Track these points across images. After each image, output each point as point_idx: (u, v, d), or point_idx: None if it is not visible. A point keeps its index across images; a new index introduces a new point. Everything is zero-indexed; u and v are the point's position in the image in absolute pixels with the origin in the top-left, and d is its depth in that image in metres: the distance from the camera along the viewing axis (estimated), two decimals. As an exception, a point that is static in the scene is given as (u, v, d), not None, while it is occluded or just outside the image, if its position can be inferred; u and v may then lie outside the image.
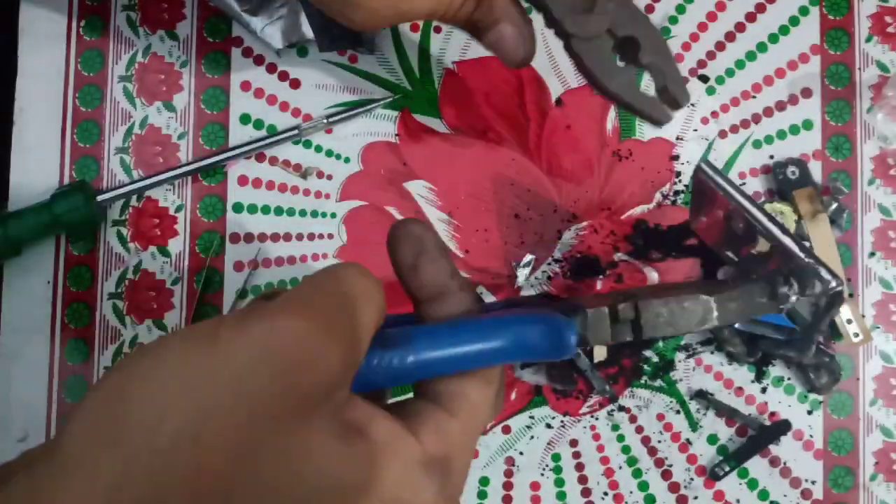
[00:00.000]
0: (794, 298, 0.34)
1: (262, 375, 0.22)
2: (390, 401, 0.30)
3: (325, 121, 0.51)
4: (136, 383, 0.21)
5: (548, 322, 0.28)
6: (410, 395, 0.28)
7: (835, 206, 0.51)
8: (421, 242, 0.28)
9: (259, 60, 0.53)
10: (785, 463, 0.51)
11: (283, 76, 0.53)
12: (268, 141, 0.51)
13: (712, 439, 0.51)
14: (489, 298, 0.51)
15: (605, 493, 0.51)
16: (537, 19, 0.40)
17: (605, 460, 0.51)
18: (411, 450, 0.25)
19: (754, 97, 0.53)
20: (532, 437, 0.51)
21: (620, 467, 0.51)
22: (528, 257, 0.52)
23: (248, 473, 0.21)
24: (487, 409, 0.28)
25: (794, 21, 0.53)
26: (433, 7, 0.38)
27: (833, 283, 0.34)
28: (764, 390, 0.51)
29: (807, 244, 0.40)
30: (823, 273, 0.34)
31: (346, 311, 0.24)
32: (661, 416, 0.51)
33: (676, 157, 0.53)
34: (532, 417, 0.51)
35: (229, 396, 0.21)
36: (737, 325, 0.49)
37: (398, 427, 0.25)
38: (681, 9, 0.53)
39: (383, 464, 0.23)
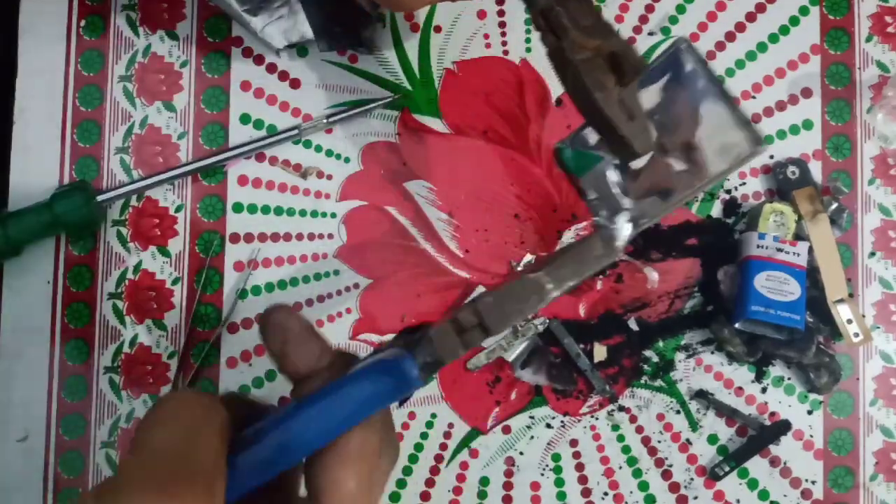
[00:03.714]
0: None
1: None
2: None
3: (325, 121, 0.51)
4: None
5: (383, 368, 0.29)
6: None
7: (835, 205, 0.51)
8: (285, 330, 0.30)
9: (259, 60, 0.53)
10: (785, 463, 0.51)
11: (284, 76, 0.53)
12: (268, 141, 0.51)
13: (712, 439, 0.51)
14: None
15: (606, 493, 0.51)
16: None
17: (605, 460, 0.51)
18: None
19: (754, 97, 0.53)
20: (532, 437, 0.51)
21: (620, 467, 0.51)
22: (528, 257, 0.52)
23: None
24: (368, 479, 0.29)
25: (794, 21, 0.53)
26: None
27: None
28: (764, 390, 0.51)
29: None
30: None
31: (191, 460, 0.26)
32: (661, 416, 0.51)
33: (676, 157, 0.53)
34: (532, 417, 0.51)
35: None
36: (737, 326, 0.49)
37: None
38: (681, 9, 0.53)
39: None
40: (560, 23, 0.35)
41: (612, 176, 0.37)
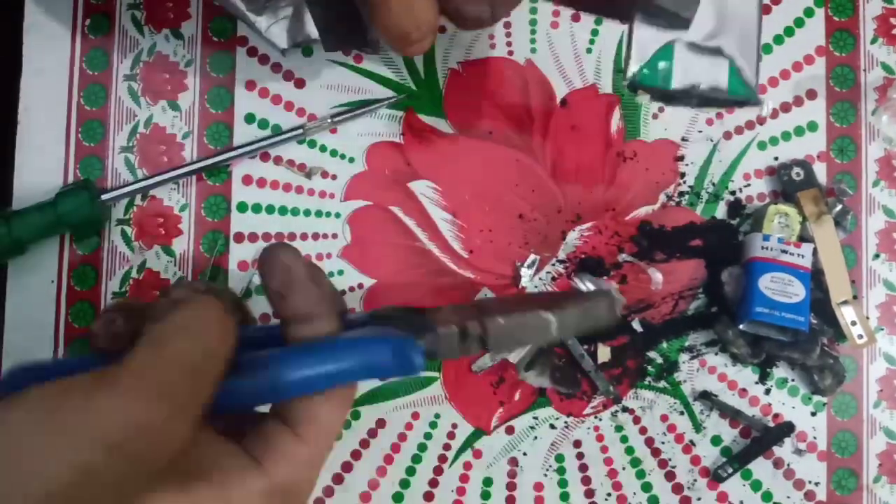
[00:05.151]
0: None
1: (105, 456, 0.22)
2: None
3: (329, 120, 0.51)
4: None
5: (394, 344, 0.30)
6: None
7: (839, 207, 0.51)
8: (289, 273, 0.30)
9: (264, 60, 0.53)
10: (788, 465, 0.51)
11: (288, 75, 0.53)
12: (272, 140, 0.51)
13: (716, 440, 0.51)
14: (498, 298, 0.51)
15: (609, 494, 0.51)
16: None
17: (608, 461, 0.51)
18: (255, 483, 0.26)
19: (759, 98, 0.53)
20: (536, 438, 0.51)
21: (624, 468, 0.51)
22: (532, 258, 0.52)
23: None
24: (338, 430, 0.29)
25: (799, 23, 0.53)
26: None
27: None
28: (768, 392, 0.51)
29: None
30: None
31: (196, 377, 0.25)
32: (664, 417, 0.51)
33: (681, 158, 0.53)
34: (536, 418, 0.51)
35: (70, 473, 0.22)
36: (741, 327, 0.49)
37: (244, 461, 0.26)
38: (686, 10, 0.53)
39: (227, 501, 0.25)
40: None
41: None
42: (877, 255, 0.52)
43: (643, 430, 0.51)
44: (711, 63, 0.40)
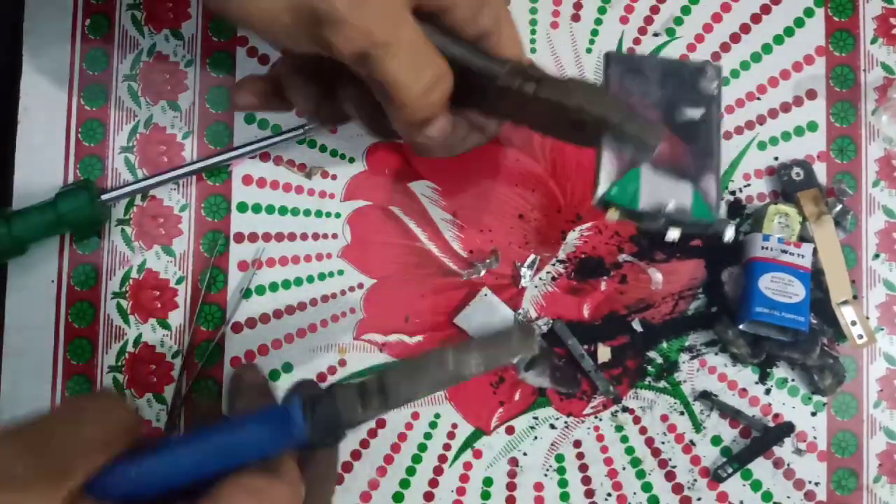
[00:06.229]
0: None
1: None
2: None
3: (329, 120, 0.51)
4: None
5: (267, 418, 0.32)
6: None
7: (839, 207, 0.51)
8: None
9: (264, 60, 0.53)
10: (788, 464, 0.51)
11: (288, 76, 0.53)
12: (272, 140, 0.51)
13: (716, 440, 0.51)
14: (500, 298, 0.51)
15: (609, 494, 0.51)
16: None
17: (608, 461, 0.51)
18: None
19: (759, 98, 0.53)
20: (536, 438, 0.51)
21: (624, 468, 0.51)
22: (532, 258, 0.52)
23: None
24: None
25: (799, 23, 0.53)
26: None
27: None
28: (768, 392, 0.51)
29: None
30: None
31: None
32: (664, 417, 0.51)
33: (681, 159, 0.53)
34: (536, 418, 0.51)
35: None
36: (741, 327, 0.49)
37: None
38: (686, 10, 0.53)
39: None
40: (533, 67, 0.38)
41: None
42: (877, 255, 0.52)
43: (643, 430, 0.51)
44: (676, 185, 0.41)
